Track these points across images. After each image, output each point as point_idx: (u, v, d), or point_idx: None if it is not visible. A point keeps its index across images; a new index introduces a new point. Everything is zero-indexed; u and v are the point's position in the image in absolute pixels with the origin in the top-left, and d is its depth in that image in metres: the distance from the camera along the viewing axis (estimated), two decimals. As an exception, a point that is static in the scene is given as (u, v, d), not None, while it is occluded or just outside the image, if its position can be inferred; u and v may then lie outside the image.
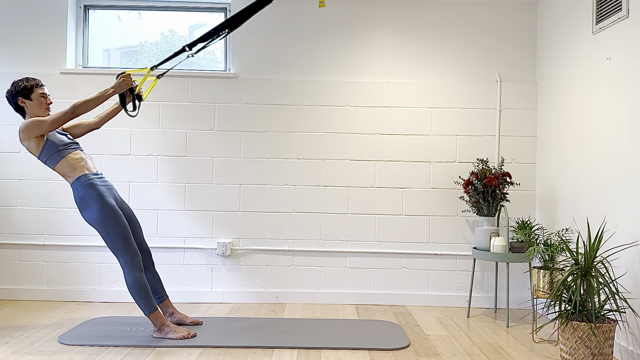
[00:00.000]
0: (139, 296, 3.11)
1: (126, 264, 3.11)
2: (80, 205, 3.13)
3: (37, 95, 3.19)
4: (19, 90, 3.17)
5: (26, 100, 3.17)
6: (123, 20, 4.39)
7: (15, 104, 3.19)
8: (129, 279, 3.11)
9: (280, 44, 4.20)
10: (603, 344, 2.70)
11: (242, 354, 2.96)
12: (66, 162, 3.15)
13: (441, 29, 4.21)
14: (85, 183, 3.12)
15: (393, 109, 4.20)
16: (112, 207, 3.13)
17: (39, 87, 3.20)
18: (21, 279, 4.12)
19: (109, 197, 3.16)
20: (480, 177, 3.84)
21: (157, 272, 3.42)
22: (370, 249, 4.18)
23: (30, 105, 3.18)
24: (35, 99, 3.18)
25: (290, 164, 4.18)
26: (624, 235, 3.00)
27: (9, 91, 3.18)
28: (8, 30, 4.14)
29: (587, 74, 3.44)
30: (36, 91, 3.19)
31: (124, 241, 3.11)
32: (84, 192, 3.11)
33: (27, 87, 3.17)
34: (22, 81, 3.18)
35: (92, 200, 3.10)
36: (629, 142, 2.97)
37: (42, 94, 3.21)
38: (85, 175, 3.15)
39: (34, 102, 3.18)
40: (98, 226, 3.11)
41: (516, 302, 4.14)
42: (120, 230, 3.11)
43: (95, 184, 3.14)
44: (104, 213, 3.09)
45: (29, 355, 2.87)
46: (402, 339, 3.23)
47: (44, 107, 3.21)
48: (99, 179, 3.21)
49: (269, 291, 4.16)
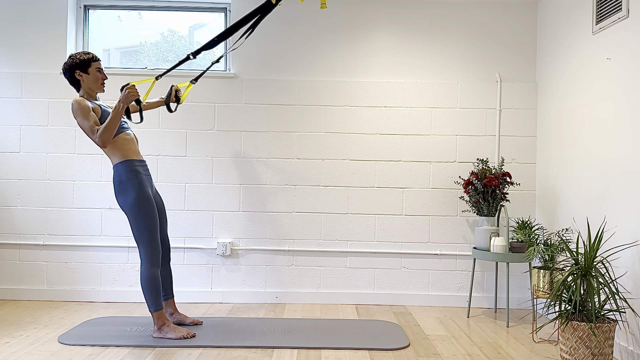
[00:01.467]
0: (149, 292, 3.12)
1: (146, 257, 3.12)
2: (118, 188, 3.13)
3: (94, 69, 3.19)
4: (78, 63, 3.16)
5: (83, 73, 3.17)
6: (123, 20, 4.39)
7: (72, 76, 3.18)
8: (145, 272, 3.11)
9: (281, 44, 4.20)
10: (603, 344, 2.70)
11: (242, 354, 2.96)
12: (117, 142, 3.14)
13: (441, 29, 4.21)
14: (130, 168, 3.12)
15: (393, 109, 4.20)
16: (148, 198, 3.14)
17: (95, 62, 3.21)
18: (21, 279, 4.12)
19: (147, 188, 3.17)
20: (480, 177, 3.84)
21: (170, 270, 3.43)
22: (370, 249, 4.18)
23: (86, 79, 3.18)
24: (92, 72, 3.19)
25: (290, 164, 4.18)
26: (624, 235, 3.00)
27: (67, 63, 3.17)
28: (8, 30, 4.14)
29: (587, 74, 3.44)
30: (93, 65, 3.19)
31: (151, 234, 3.12)
32: (126, 177, 3.11)
33: (85, 60, 3.17)
34: (80, 54, 3.18)
35: (131, 187, 3.10)
36: (629, 142, 2.97)
37: (99, 68, 3.22)
38: (132, 160, 3.15)
39: (91, 76, 3.18)
40: (130, 213, 3.12)
41: (516, 302, 4.15)
42: (150, 222, 3.12)
43: (138, 171, 3.15)
44: (139, 202, 3.10)
45: (29, 355, 2.87)
46: (402, 339, 3.23)
47: (100, 82, 3.22)
48: (143, 167, 3.21)
49: (269, 291, 4.16)
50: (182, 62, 3.24)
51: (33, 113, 4.12)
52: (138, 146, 3.31)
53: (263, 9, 3.24)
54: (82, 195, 4.13)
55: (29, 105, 4.12)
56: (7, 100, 4.12)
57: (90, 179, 4.13)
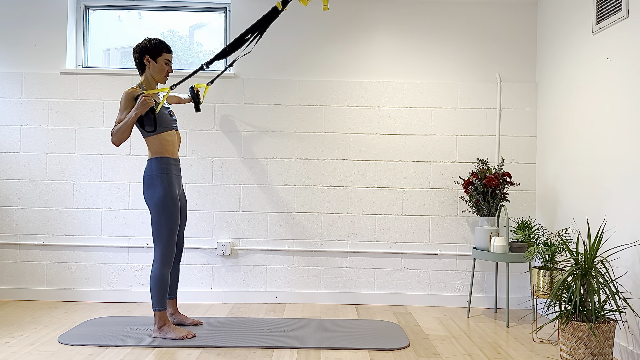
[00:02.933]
0: (156, 291, 3.13)
1: (161, 256, 3.13)
2: (147, 182, 3.15)
3: (163, 59, 3.22)
4: (150, 49, 3.18)
5: (152, 60, 3.19)
6: (123, 20, 4.39)
7: (140, 59, 3.20)
8: (156, 271, 3.12)
9: (281, 44, 4.20)
10: (603, 344, 2.70)
11: (242, 354, 2.96)
12: (159, 138, 3.16)
13: (441, 29, 4.21)
14: (163, 166, 3.15)
15: (393, 109, 4.20)
16: (175, 198, 3.15)
17: (168, 53, 3.24)
18: (21, 279, 4.12)
19: (175, 187, 3.19)
20: (480, 177, 3.84)
21: (179, 270, 3.44)
22: (370, 249, 4.18)
23: (152, 66, 3.21)
24: (161, 62, 3.21)
25: (290, 164, 4.18)
26: (624, 235, 3.00)
27: (140, 45, 3.19)
28: (8, 30, 4.14)
29: (587, 74, 3.44)
30: (164, 55, 3.22)
31: (170, 234, 3.13)
32: (157, 173, 3.13)
33: (160, 47, 3.19)
34: (157, 40, 3.20)
35: (160, 184, 3.12)
36: (629, 142, 2.97)
37: (168, 60, 3.24)
38: (167, 158, 3.17)
39: (158, 65, 3.21)
40: (154, 210, 3.13)
41: (516, 302, 4.14)
42: (171, 223, 3.13)
43: (170, 170, 3.17)
44: (165, 201, 3.11)
45: (29, 355, 2.87)
46: (402, 339, 3.23)
47: (164, 74, 3.25)
48: (176, 167, 3.24)
49: (269, 291, 4.16)
50: (196, 72, 3.28)
51: (33, 113, 4.12)
52: (179, 147, 3.33)
53: (270, 15, 3.27)
54: (82, 195, 4.13)
55: (29, 105, 4.12)
56: (7, 100, 4.12)
57: (90, 179, 4.13)
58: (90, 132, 4.12)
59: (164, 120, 3.19)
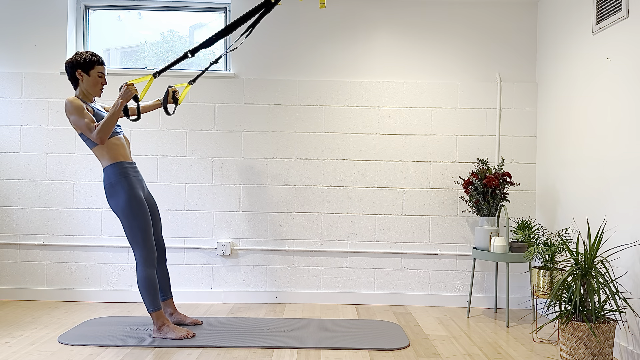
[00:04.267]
0: (146, 293, 3.12)
1: (141, 258, 3.12)
2: (109, 191, 3.12)
3: (96, 72, 3.17)
4: (81, 63, 3.14)
5: (84, 74, 3.15)
6: (123, 20, 4.39)
7: (72, 74, 3.16)
8: (140, 274, 3.11)
9: (281, 44, 4.20)
10: (603, 344, 2.70)
11: (242, 354, 2.96)
12: (106, 146, 3.13)
13: (441, 29, 4.21)
14: (119, 171, 3.12)
15: (393, 109, 4.20)
16: (139, 199, 3.13)
17: (100, 65, 3.19)
18: (21, 279, 4.12)
19: (138, 189, 3.16)
20: (480, 177, 3.84)
21: (167, 270, 3.42)
22: (370, 249, 4.18)
23: (86, 80, 3.16)
24: (94, 75, 3.17)
25: (290, 164, 4.18)
26: (624, 235, 3.00)
27: (71, 60, 3.14)
28: (8, 30, 4.14)
29: (587, 74, 3.44)
30: (97, 68, 3.18)
31: (144, 235, 3.12)
32: (115, 180, 3.10)
33: (91, 61, 3.15)
34: (87, 54, 3.16)
35: (121, 190, 3.10)
36: (629, 142, 2.97)
37: (101, 73, 3.20)
38: (121, 163, 3.14)
39: (91, 79, 3.16)
40: (122, 216, 3.11)
41: (516, 302, 4.14)
42: (142, 224, 3.11)
43: (128, 174, 3.14)
44: (131, 204, 3.09)
45: (29, 355, 2.87)
46: (402, 339, 3.23)
47: (98, 87, 3.20)
48: (133, 169, 3.20)
49: (269, 291, 4.16)
50: (180, 60, 3.19)
51: (33, 113, 4.12)
52: (129, 150, 3.28)
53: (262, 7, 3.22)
54: (82, 195, 4.13)
55: (29, 105, 4.12)
56: (7, 100, 4.12)
57: (90, 179, 4.13)
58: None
59: None
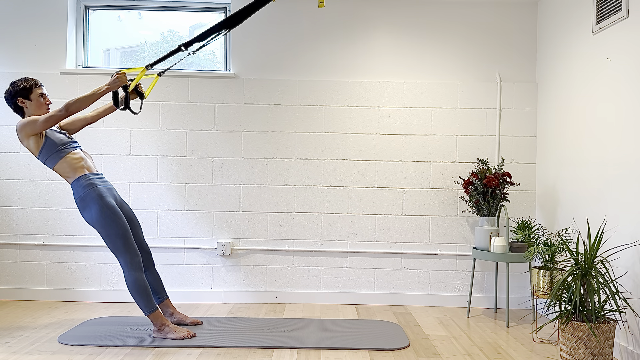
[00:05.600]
0: (139, 296, 3.11)
1: (126, 264, 3.11)
2: (80, 205, 3.13)
3: (36, 95, 3.17)
4: (18, 91, 3.15)
5: (25, 100, 3.16)
6: (123, 20, 4.39)
7: (15, 104, 3.17)
8: (129, 279, 3.11)
9: (280, 44, 4.20)
10: (603, 344, 2.70)
11: (242, 354, 2.96)
12: (65, 162, 3.13)
13: (441, 29, 4.21)
14: (85, 183, 3.12)
15: (393, 109, 4.20)
16: (112, 207, 3.12)
17: (37, 87, 3.18)
18: (21, 279, 4.12)
19: (108, 197, 3.15)
20: (480, 177, 3.84)
21: (157, 272, 3.42)
22: (370, 249, 4.18)
23: (29, 105, 3.16)
24: (35, 99, 3.16)
25: (290, 164, 4.18)
26: (624, 235, 3.00)
27: (8, 91, 3.17)
28: (8, 30, 4.14)
29: (587, 74, 3.44)
30: (35, 91, 3.17)
31: (124, 241, 3.11)
32: (84, 193, 3.10)
33: (26, 87, 3.15)
34: (21, 81, 3.16)
35: (92, 201, 3.10)
36: (629, 142, 2.97)
37: (42, 94, 3.19)
38: (86, 175, 3.14)
39: (33, 102, 3.16)
40: (98, 226, 3.11)
41: (516, 302, 4.14)
42: (119, 230, 3.11)
43: (95, 184, 3.14)
44: (104, 213, 3.09)
45: (29, 355, 2.87)
46: (402, 339, 3.23)
47: (44, 108, 3.20)
48: (99, 179, 3.20)
49: (269, 291, 4.16)
50: (173, 52, 3.14)
51: (33, 113, 4.12)
52: (93, 162, 3.27)
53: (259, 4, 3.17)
54: (82, 195, 4.12)
55: (29, 105, 4.12)
56: (7, 100, 4.12)
57: (90, 179, 4.12)
58: (90, 132, 4.12)
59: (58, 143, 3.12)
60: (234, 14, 3.14)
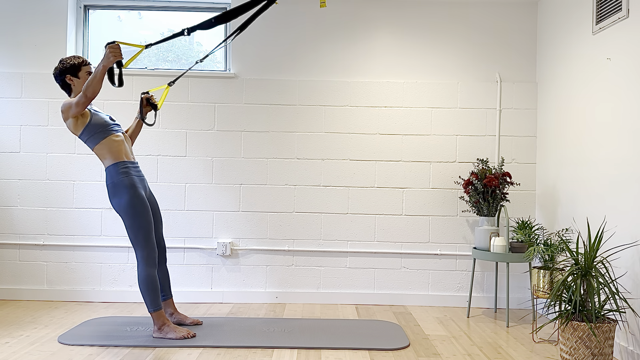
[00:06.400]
0: (147, 292, 3.12)
1: (142, 258, 3.12)
2: (111, 191, 3.14)
3: (84, 73, 3.20)
4: (67, 68, 3.17)
5: (74, 77, 3.19)
6: (123, 20, 4.39)
7: (63, 81, 3.19)
8: (142, 273, 3.12)
9: (281, 44, 4.20)
10: (603, 344, 2.70)
11: (242, 354, 2.96)
12: (106, 144, 3.14)
13: (441, 29, 4.21)
14: (121, 170, 3.13)
15: (393, 109, 4.20)
16: (142, 199, 3.14)
17: (86, 66, 3.22)
18: (21, 279, 4.12)
19: (140, 189, 3.17)
20: (480, 177, 3.84)
21: (167, 270, 3.43)
22: (370, 249, 4.18)
23: (77, 83, 3.19)
24: (83, 77, 3.20)
25: (290, 164, 4.18)
26: (624, 235, 3.00)
27: (57, 68, 3.18)
28: (8, 30, 4.14)
29: (587, 74, 3.44)
30: (83, 69, 3.21)
31: (146, 235, 3.13)
32: (118, 180, 3.11)
33: (75, 64, 3.18)
34: (70, 58, 3.19)
35: (123, 189, 3.11)
36: (629, 142, 2.97)
37: (89, 72, 3.22)
38: (123, 162, 3.16)
39: (81, 80, 3.19)
40: (124, 215, 3.12)
41: (516, 302, 4.14)
42: (144, 223, 3.12)
43: (130, 173, 3.16)
44: (133, 204, 3.10)
45: (29, 355, 2.87)
46: (402, 339, 3.23)
47: None
48: (134, 168, 3.22)
49: (269, 291, 4.16)
50: (176, 35, 3.17)
51: (33, 113, 4.12)
52: (131, 148, 3.30)
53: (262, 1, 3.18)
54: (82, 195, 4.13)
55: (29, 105, 4.12)
56: (7, 100, 4.12)
57: (90, 179, 4.13)
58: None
59: (104, 124, 3.15)
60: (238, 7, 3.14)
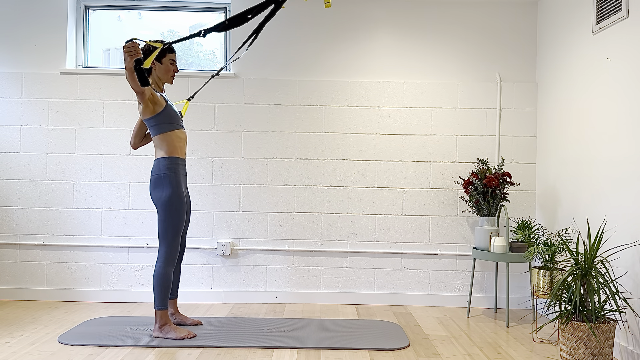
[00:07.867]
0: (159, 289, 3.13)
1: (164, 255, 3.14)
2: (155, 181, 3.15)
3: (167, 59, 3.22)
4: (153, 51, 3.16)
5: (157, 62, 3.20)
6: (123, 20, 4.39)
7: None
8: (159, 270, 3.13)
9: (281, 43, 4.20)
10: (603, 344, 2.70)
11: (242, 354, 2.96)
12: (169, 137, 3.16)
13: (441, 29, 4.21)
14: (171, 166, 3.15)
15: (393, 109, 4.20)
16: (182, 198, 3.17)
17: (172, 53, 3.24)
18: (21, 279, 4.12)
19: (182, 188, 3.20)
20: (480, 177, 3.84)
21: (180, 271, 3.46)
22: (370, 249, 4.18)
23: (159, 68, 3.21)
24: (166, 63, 3.22)
25: (290, 164, 4.18)
26: (624, 235, 3.00)
27: (143, 49, 3.11)
28: (8, 30, 4.14)
29: (587, 74, 3.44)
30: (168, 56, 3.22)
31: (175, 234, 3.15)
32: (165, 173, 3.13)
33: (163, 49, 3.19)
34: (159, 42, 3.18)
35: (168, 184, 3.12)
36: (629, 142, 2.97)
37: (172, 60, 3.24)
38: (176, 158, 3.18)
39: (163, 66, 3.22)
40: (161, 209, 3.14)
41: (516, 302, 4.14)
42: (177, 222, 3.14)
43: (178, 171, 3.18)
44: (172, 200, 3.12)
45: (29, 355, 2.87)
46: (402, 339, 3.23)
47: (170, 73, 3.25)
48: (183, 166, 3.25)
49: (269, 291, 4.16)
50: (193, 36, 3.13)
51: (33, 113, 4.12)
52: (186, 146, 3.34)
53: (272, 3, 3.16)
54: (82, 195, 4.13)
55: (29, 105, 4.12)
56: (7, 100, 4.12)
57: (90, 179, 4.13)
58: (90, 132, 4.12)
59: (174, 117, 3.20)
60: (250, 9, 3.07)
